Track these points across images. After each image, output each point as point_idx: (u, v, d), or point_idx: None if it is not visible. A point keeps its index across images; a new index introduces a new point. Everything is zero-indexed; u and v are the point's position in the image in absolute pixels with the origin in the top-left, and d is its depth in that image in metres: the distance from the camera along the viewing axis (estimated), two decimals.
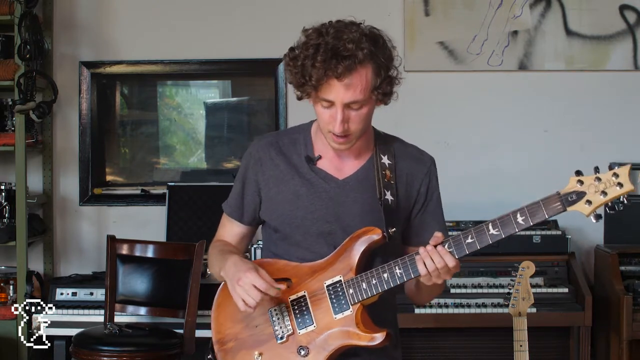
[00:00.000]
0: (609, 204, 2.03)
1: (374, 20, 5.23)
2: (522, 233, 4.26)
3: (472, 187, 4.60)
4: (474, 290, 4.11)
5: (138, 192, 4.73)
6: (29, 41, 4.18)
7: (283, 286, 2.10)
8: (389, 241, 2.13)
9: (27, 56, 4.19)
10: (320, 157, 2.24)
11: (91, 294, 4.23)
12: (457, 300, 4.05)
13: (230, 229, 2.36)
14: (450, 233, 4.53)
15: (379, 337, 2.09)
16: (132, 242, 4.07)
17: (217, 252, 2.30)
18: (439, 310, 4.01)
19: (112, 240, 4.04)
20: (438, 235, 2.05)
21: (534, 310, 3.80)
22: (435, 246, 2.03)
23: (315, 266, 2.18)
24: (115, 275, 4.00)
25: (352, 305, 2.11)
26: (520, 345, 3.00)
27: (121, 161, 4.84)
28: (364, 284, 2.10)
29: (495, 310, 4.00)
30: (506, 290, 3.08)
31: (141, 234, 4.36)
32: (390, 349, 2.25)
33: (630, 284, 4.11)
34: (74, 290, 4.25)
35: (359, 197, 2.20)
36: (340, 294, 2.12)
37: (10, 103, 4.42)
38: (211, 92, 4.96)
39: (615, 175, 2.02)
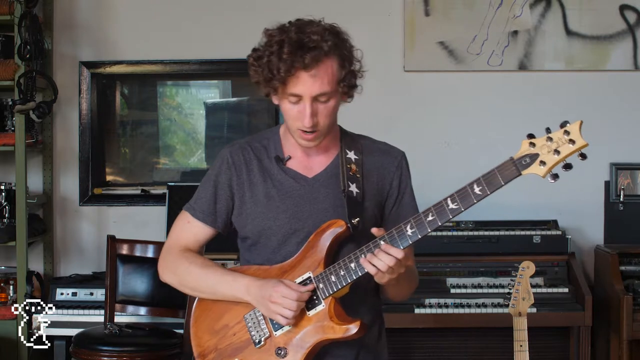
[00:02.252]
0: (564, 162, 1.97)
1: (374, 20, 5.25)
2: (522, 233, 4.27)
3: None
4: (474, 290, 4.10)
5: (138, 192, 4.73)
6: (29, 41, 4.18)
7: (311, 286, 2.12)
8: (354, 231, 2.14)
9: (27, 56, 4.19)
10: (289, 158, 2.25)
11: (91, 294, 4.24)
12: (457, 300, 4.05)
13: (198, 233, 2.31)
14: (449, 233, 4.52)
15: (353, 328, 2.09)
16: (132, 242, 4.07)
17: (199, 267, 2.25)
18: (439, 310, 4.01)
19: (112, 240, 4.04)
20: (376, 230, 2.06)
21: (534, 310, 3.80)
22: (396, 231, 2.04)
23: (284, 266, 2.18)
24: (115, 275, 4.00)
25: (323, 299, 2.12)
26: (520, 345, 3.00)
27: (121, 161, 4.84)
28: (332, 277, 2.11)
29: (495, 310, 4.00)
30: (506, 290, 3.08)
31: (141, 234, 4.37)
32: (372, 343, 2.27)
33: (630, 284, 4.11)
34: (74, 290, 4.25)
35: (330, 193, 2.21)
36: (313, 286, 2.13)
37: (10, 103, 4.42)
38: (211, 92, 4.96)
39: (567, 132, 1.97)
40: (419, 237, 2.04)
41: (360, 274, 2.08)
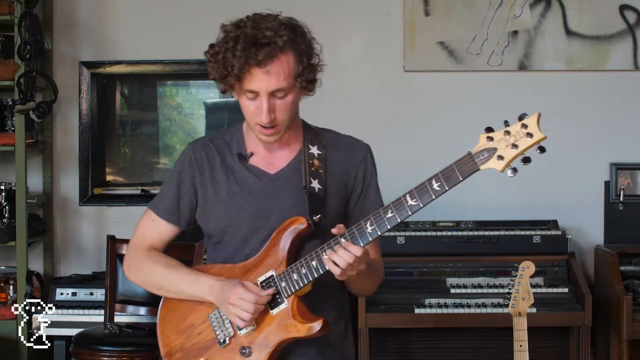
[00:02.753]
0: (523, 156, 1.96)
1: (374, 20, 5.24)
2: (522, 233, 4.27)
3: (472, 187, 4.59)
4: (474, 290, 4.10)
5: (138, 192, 4.73)
6: (29, 41, 4.18)
7: (271, 290, 2.12)
8: (317, 228, 2.14)
9: (27, 56, 4.19)
10: (252, 154, 2.24)
11: (91, 294, 4.24)
12: (457, 300, 4.04)
13: (162, 232, 2.32)
14: (449, 233, 4.52)
15: (316, 326, 2.09)
16: None
17: (163, 267, 2.27)
18: (439, 310, 4.01)
19: (112, 240, 4.04)
20: (336, 230, 2.07)
21: (534, 310, 3.79)
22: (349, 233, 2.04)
23: (247, 265, 2.18)
24: (115, 275, 4.00)
25: (286, 298, 2.12)
26: (520, 345, 3.00)
27: (121, 161, 4.84)
28: (294, 275, 2.11)
29: (495, 310, 4.00)
30: (506, 290, 3.08)
31: None
32: (338, 340, 2.27)
33: (630, 284, 4.11)
34: (74, 290, 4.25)
35: (293, 189, 2.20)
36: (274, 288, 2.13)
37: (10, 103, 4.42)
38: (211, 92, 4.96)
39: (524, 125, 1.96)
40: (379, 233, 2.04)
41: (321, 272, 2.08)
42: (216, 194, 2.23)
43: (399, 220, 2.02)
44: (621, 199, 4.50)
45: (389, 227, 2.03)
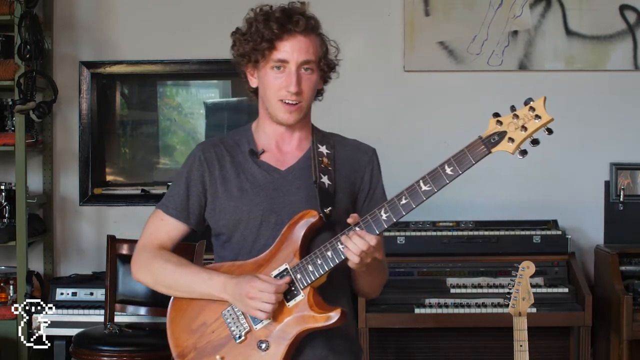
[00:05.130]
0: (532, 138, 2.03)
1: (374, 20, 5.24)
2: (522, 233, 4.27)
3: (472, 187, 4.60)
4: (474, 290, 4.10)
5: (138, 192, 4.73)
6: (29, 41, 4.18)
7: (287, 279, 2.12)
8: (328, 221, 2.15)
9: (27, 56, 4.19)
10: (263, 151, 2.27)
11: (91, 294, 4.24)
12: (457, 300, 4.04)
13: (171, 231, 2.31)
14: (449, 233, 4.52)
15: (334, 316, 2.10)
16: (132, 242, 4.06)
17: (174, 265, 2.24)
18: (439, 310, 4.01)
19: (112, 240, 4.04)
20: (351, 219, 2.09)
21: (534, 310, 3.80)
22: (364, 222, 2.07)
23: (259, 260, 2.19)
24: (115, 275, 4.00)
25: (302, 289, 2.13)
26: (521, 345, 3.00)
27: (121, 161, 4.84)
28: (310, 266, 2.12)
29: (495, 310, 4.00)
30: (506, 290, 3.08)
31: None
32: (351, 330, 2.30)
33: (630, 284, 4.11)
34: (74, 290, 4.25)
35: (303, 184, 2.22)
36: (290, 278, 2.13)
37: (10, 103, 4.42)
38: (211, 92, 4.96)
39: (532, 109, 2.04)
40: (394, 220, 2.06)
41: (337, 262, 2.09)
42: (227, 191, 2.24)
43: (414, 206, 2.05)
44: (621, 199, 4.51)
45: (404, 213, 2.05)
